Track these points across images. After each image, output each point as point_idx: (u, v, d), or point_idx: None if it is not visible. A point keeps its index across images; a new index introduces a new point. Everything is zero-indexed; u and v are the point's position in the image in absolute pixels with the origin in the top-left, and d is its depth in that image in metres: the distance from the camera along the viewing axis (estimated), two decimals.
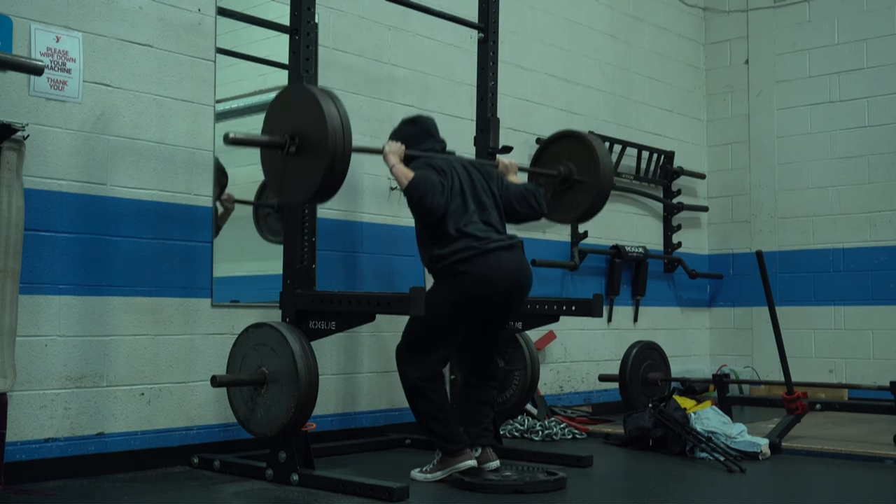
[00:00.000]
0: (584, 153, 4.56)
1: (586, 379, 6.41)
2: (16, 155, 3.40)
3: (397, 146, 3.94)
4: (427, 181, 3.78)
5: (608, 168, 4.55)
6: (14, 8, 3.70)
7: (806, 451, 4.70)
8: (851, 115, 7.02)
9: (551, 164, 4.66)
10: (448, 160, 3.99)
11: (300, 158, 3.49)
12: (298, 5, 3.89)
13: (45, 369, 3.74)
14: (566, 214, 4.69)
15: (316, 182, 3.44)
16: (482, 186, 4.00)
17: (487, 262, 3.80)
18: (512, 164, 4.32)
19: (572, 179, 4.57)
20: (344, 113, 3.47)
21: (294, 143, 3.49)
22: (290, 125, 3.51)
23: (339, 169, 3.44)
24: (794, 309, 7.07)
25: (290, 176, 3.54)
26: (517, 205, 4.10)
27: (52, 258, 3.78)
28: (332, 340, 4.41)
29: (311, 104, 3.46)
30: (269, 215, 4.74)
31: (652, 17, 7.28)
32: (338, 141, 3.41)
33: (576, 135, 4.66)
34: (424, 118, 4.19)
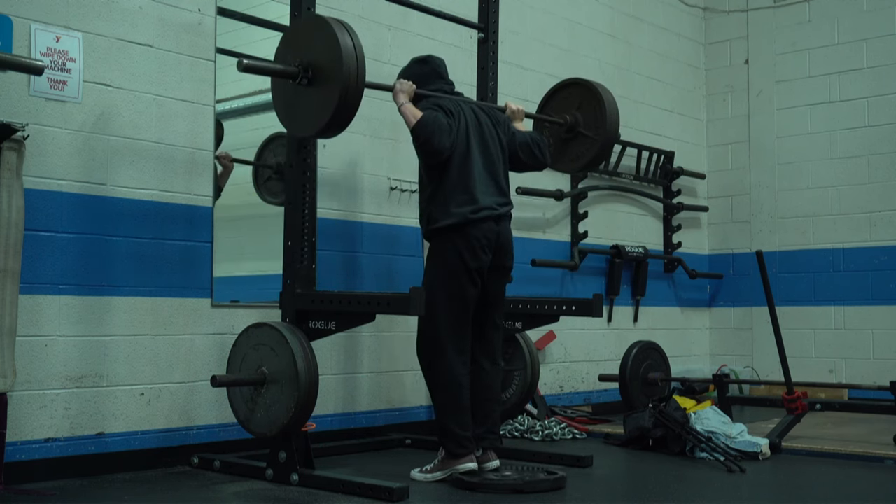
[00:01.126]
0: (592, 102, 4.53)
1: (586, 379, 6.41)
2: (16, 155, 3.40)
3: (408, 85, 3.94)
4: (435, 121, 3.78)
5: (614, 119, 4.53)
6: (14, 8, 3.70)
7: (806, 451, 4.70)
8: (851, 115, 7.02)
9: (559, 112, 4.64)
10: (457, 102, 3.99)
11: (313, 89, 3.47)
12: (298, 5, 3.89)
13: (45, 369, 3.74)
14: (570, 164, 4.68)
15: (328, 113, 3.42)
16: (489, 130, 4.00)
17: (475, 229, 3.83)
18: (519, 109, 4.32)
19: (577, 130, 4.56)
20: (359, 45, 3.44)
21: (307, 73, 3.46)
22: (303, 55, 3.48)
23: (351, 101, 3.42)
24: (794, 309, 7.07)
25: (301, 107, 3.51)
26: (522, 154, 4.11)
27: (52, 258, 3.78)
28: (332, 340, 4.41)
29: (326, 34, 3.42)
30: (269, 179, 4.71)
31: (652, 17, 7.28)
32: (351, 72, 3.38)
33: (585, 83, 4.63)
34: (434, 58, 4.18)
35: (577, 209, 6.40)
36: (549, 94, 4.77)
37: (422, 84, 4.03)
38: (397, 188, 5.16)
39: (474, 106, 4.06)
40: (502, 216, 3.94)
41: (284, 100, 3.60)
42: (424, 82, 4.05)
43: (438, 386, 3.87)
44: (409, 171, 5.24)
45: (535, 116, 4.65)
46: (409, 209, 5.23)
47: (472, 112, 3.99)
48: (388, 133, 5.16)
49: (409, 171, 5.24)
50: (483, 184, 3.89)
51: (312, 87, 3.48)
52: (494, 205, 3.91)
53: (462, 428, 3.81)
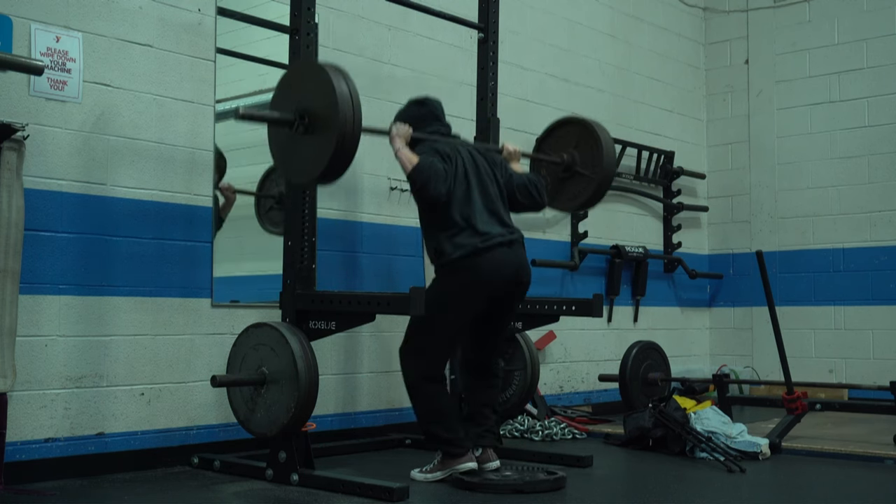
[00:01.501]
0: (589, 141, 4.53)
1: (586, 379, 6.41)
2: (16, 155, 3.40)
3: (405, 129, 3.93)
4: (431, 167, 3.77)
5: (612, 158, 4.52)
6: (14, 8, 3.70)
7: (806, 451, 4.70)
8: (851, 115, 7.02)
9: (556, 150, 4.64)
10: (453, 145, 3.98)
11: (309, 137, 3.46)
12: (298, 5, 3.88)
13: (45, 369, 3.74)
14: (567, 203, 4.67)
15: (324, 161, 3.41)
16: (487, 173, 3.99)
17: (487, 259, 3.80)
18: (516, 150, 4.32)
19: (575, 169, 4.56)
20: (355, 91, 3.43)
21: (304, 121, 3.46)
22: (299, 102, 3.48)
23: (348, 149, 3.42)
24: (794, 309, 7.07)
25: (298, 155, 3.50)
26: (519, 195, 4.10)
27: (52, 258, 3.78)
28: (332, 340, 4.40)
29: (322, 81, 3.42)
30: (271, 208, 4.71)
31: (652, 17, 7.28)
32: (348, 120, 3.38)
33: (582, 122, 4.63)
34: (432, 100, 4.17)
35: None
36: (546, 132, 4.76)
37: (418, 126, 4.02)
38: (397, 188, 5.16)
39: (471, 148, 4.05)
40: (514, 241, 3.92)
41: (281, 147, 3.58)
42: (421, 124, 4.03)
43: (417, 394, 3.90)
44: None
45: (532, 156, 4.66)
46: (409, 209, 5.22)
47: (469, 154, 3.98)
48: None
49: None
50: (486, 221, 3.87)
51: (309, 134, 3.47)
52: (504, 232, 3.90)
53: (448, 431, 3.83)
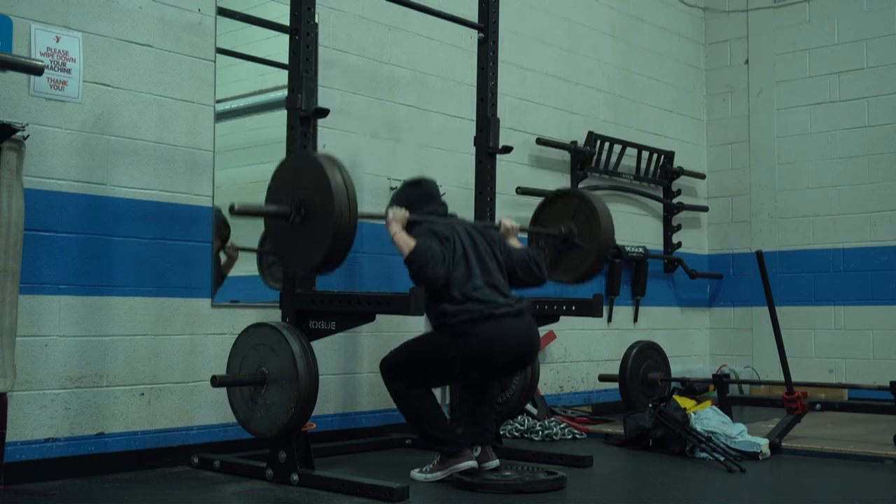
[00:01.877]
0: (586, 212, 4.60)
1: (586, 379, 6.41)
2: (16, 155, 3.40)
3: (401, 214, 3.93)
4: (428, 250, 3.74)
5: (609, 229, 4.59)
6: (14, 8, 3.70)
7: (806, 451, 4.70)
8: (851, 115, 7.02)
9: (553, 222, 4.69)
10: (450, 225, 3.96)
11: (306, 227, 3.50)
12: (298, 5, 3.88)
13: (45, 369, 3.74)
14: (567, 275, 4.73)
15: (322, 252, 3.44)
16: (485, 250, 3.97)
17: (494, 327, 3.76)
18: (514, 227, 4.30)
19: (572, 241, 4.61)
20: (350, 181, 3.46)
21: (300, 212, 3.49)
22: (295, 193, 3.51)
23: (344, 239, 3.45)
24: (794, 309, 7.07)
25: (295, 246, 3.55)
26: (519, 271, 4.08)
27: (52, 258, 3.78)
28: (332, 340, 4.40)
29: (316, 173, 3.46)
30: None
31: (652, 17, 7.28)
32: (343, 212, 3.41)
33: (578, 194, 4.71)
34: (427, 181, 4.18)
35: None
36: (543, 204, 4.81)
37: (415, 207, 4.02)
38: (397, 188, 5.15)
39: (468, 226, 4.04)
40: (522, 310, 3.88)
41: (279, 237, 3.61)
42: (417, 205, 4.04)
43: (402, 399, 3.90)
44: (409, 171, 5.24)
45: (529, 230, 4.68)
46: None
47: (467, 233, 3.96)
48: (388, 133, 5.17)
49: (409, 171, 5.23)
50: (488, 294, 3.84)
51: (305, 224, 3.50)
52: (511, 302, 3.87)
53: (441, 430, 3.83)
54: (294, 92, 3.82)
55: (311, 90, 3.82)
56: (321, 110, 3.84)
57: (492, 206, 4.71)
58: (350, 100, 4.95)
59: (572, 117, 6.45)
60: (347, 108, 4.94)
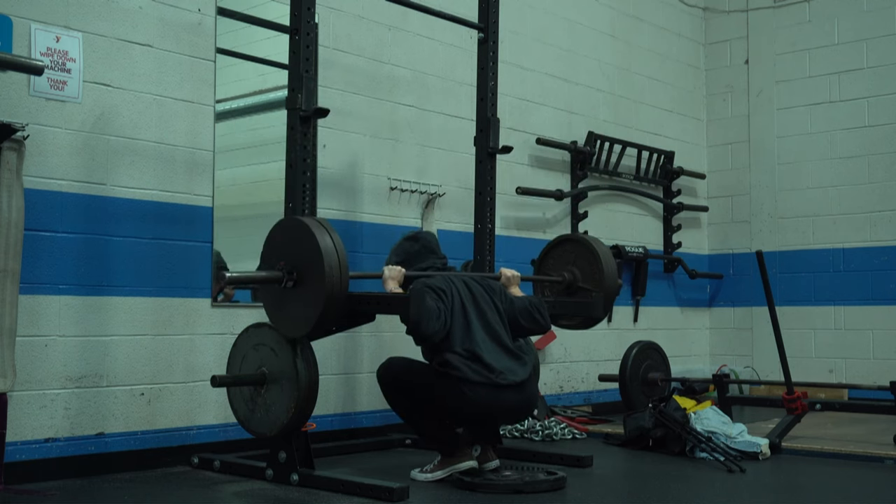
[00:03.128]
0: (588, 257, 4.61)
1: (586, 379, 6.41)
2: (16, 155, 3.40)
3: (397, 271, 3.93)
4: (422, 306, 3.68)
5: (612, 273, 4.60)
6: (14, 8, 3.70)
7: (806, 451, 4.70)
8: (851, 115, 7.02)
9: (555, 270, 4.70)
10: (448, 278, 3.90)
11: (299, 290, 3.53)
12: (298, 5, 3.88)
13: (45, 369, 3.74)
14: (572, 321, 4.74)
15: (315, 315, 3.47)
16: (485, 301, 3.91)
17: (493, 396, 3.72)
18: (514, 276, 4.26)
19: (577, 286, 4.61)
20: (339, 244, 3.50)
21: (291, 277, 3.53)
22: (286, 258, 3.54)
23: (337, 301, 3.47)
24: (794, 309, 7.07)
25: (288, 308, 3.57)
26: (522, 321, 4.01)
27: (52, 258, 3.78)
28: (332, 340, 4.41)
29: (306, 237, 3.49)
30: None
31: (652, 17, 7.28)
32: (334, 274, 3.45)
33: (578, 239, 4.73)
34: (424, 235, 4.18)
35: (577, 209, 6.40)
36: (544, 252, 4.84)
37: (413, 261, 4.03)
38: (397, 188, 5.16)
39: (467, 278, 3.98)
40: (525, 381, 3.83)
41: (272, 301, 3.64)
42: (415, 259, 4.04)
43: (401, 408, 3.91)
44: (410, 171, 5.25)
45: (532, 279, 4.69)
46: (409, 209, 5.23)
47: (465, 285, 3.90)
48: (388, 133, 5.17)
49: (409, 171, 5.25)
50: (490, 351, 3.79)
51: (298, 288, 3.54)
52: (514, 368, 3.81)
53: (440, 430, 3.83)
54: (294, 92, 3.82)
55: (311, 90, 3.82)
56: (321, 110, 3.84)
57: (492, 207, 4.70)
58: (350, 100, 4.95)
59: (572, 117, 6.45)
60: (347, 108, 4.94)
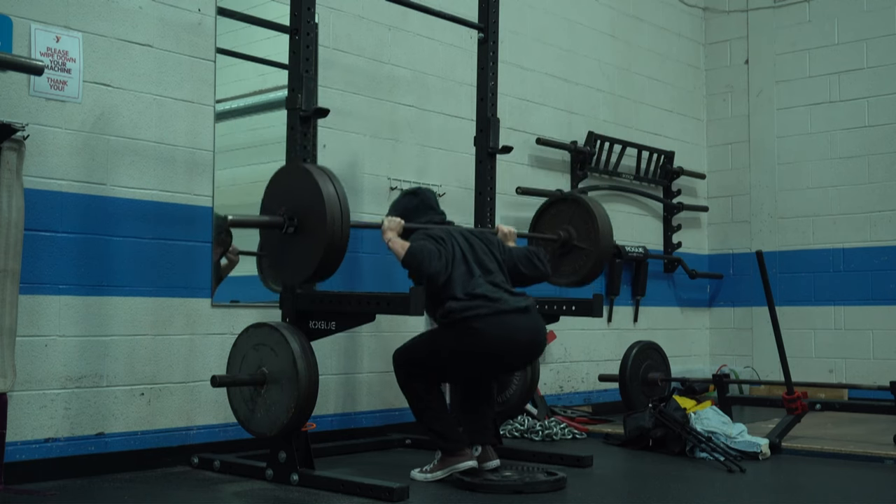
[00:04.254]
0: (584, 216, 4.60)
1: (586, 379, 6.41)
2: (16, 155, 3.40)
3: (396, 222, 3.95)
4: (423, 249, 3.75)
5: (608, 233, 4.60)
6: (14, 8, 3.70)
7: (806, 451, 4.70)
8: (851, 115, 7.02)
9: (551, 228, 4.70)
10: (447, 230, 3.96)
11: (299, 238, 3.54)
12: (298, 5, 3.88)
13: (45, 369, 3.74)
14: (567, 278, 4.75)
15: (315, 261, 3.48)
16: (483, 251, 3.96)
17: (502, 322, 3.76)
18: (511, 231, 4.32)
19: (572, 244, 4.61)
20: (342, 191, 3.51)
21: (293, 223, 3.54)
22: (288, 204, 3.55)
23: (337, 248, 3.49)
24: (794, 309, 7.07)
25: (288, 255, 3.59)
26: (522, 267, 4.06)
27: (52, 258, 3.78)
28: (332, 340, 4.40)
29: (308, 184, 3.50)
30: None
31: (652, 17, 7.28)
32: (336, 221, 3.46)
33: (575, 199, 4.71)
34: (424, 190, 4.19)
35: None
36: (539, 212, 4.85)
37: (412, 216, 4.04)
38: (397, 188, 5.16)
39: (465, 231, 4.04)
40: (529, 307, 3.86)
41: (273, 247, 3.66)
42: (414, 215, 4.06)
43: (412, 393, 3.90)
44: (410, 171, 5.25)
45: (527, 236, 4.69)
46: None
47: (464, 237, 3.96)
48: (388, 133, 5.17)
49: (409, 171, 5.24)
50: (493, 291, 3.83)
51: (299, 235, 3.55)
52: (518, 299, 3.85)
53: (445, 427, 3.83)
54: (294, 92, 3.82)
55: (311, 90, 3.82)
56: (321, 110, 3.84)
57: (492, 207, 4.70)
58: (350, 100, 4.95)
59: (572, 117, 6.45)
60: (347, 108, 4.94)
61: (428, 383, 3.87)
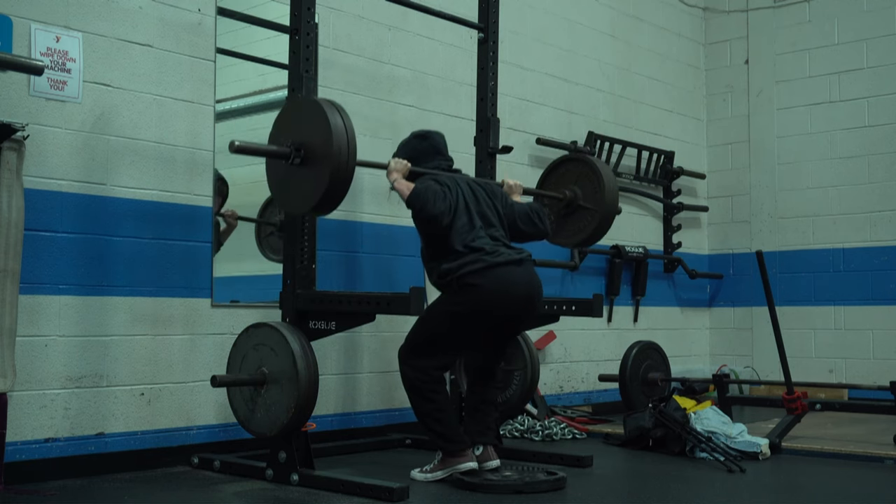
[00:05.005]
0: (591, 177, 4.59)
1: (586, 379, 6.41)
2: (16, 155, 3.40)
3: (402, 164, 3.95)
4: (428, 190, 3.77)
5: (613, 194, 4.58)
6: (14, 8, 3.70)
7: (806, 451, 4.70)
8: (851, 115, 7.02)
9: (557, 187, 4.69)
10: (453, 178, 3.97)
11: (304, 169, 3.52)
12: (298, 5, 3.89)
13: (45, 369, 3.74)
14: (570, 238, 4.72)
15: (319, 193, 3.46)
16: (486, 203, 3.97)
17: (497, 275, 3.76)
18: (517, 184, 4.32)
19: (577, 204, 4.60)
20: (350, 125, 3.49)
21: (299, 154, 3.52)
22: (295, 135, 3.54)
23: (342, 181, 3.47)
24: (794, 309, 7.07)
25: (293, 186, 3.57)
26: (521, 224, 4.07)
27: (52, 258, 3.78)
28: (332, 340, 4.41)
29: (317, 116, 3.48)
30: (271, 234, 4.73)
31: (652, 17, 7.28)
32: (342, 153, 3.43)
33: (582, 159, 4.69)
34: (434, 134, 4.18)
35: None
36: (547, 170, 4.83)
37: (420, 160, 4.04)
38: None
39: (471, 181, 4.04)
40: (524, 259, 3.87)
41: (278, 178, 3.65)
42: (423, 158, 4.05)
43: (415, 390, 3.87)
44: None
45: (533, 192, 4.68)
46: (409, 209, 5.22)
47: (469, 187, 3.97)
48: (388, 133, 5.16)
49: None
50: (490, 244, 3.84)
51: (304, 166, 3.53)
52: (512, 252, 3.86)
53: (447, 428, 3.82)
54: (294, 92, 3.83)
55: (311, 90, 3.83)
56: None
57: None
58: (350, 100, 4.94)
59: (572, 117, 6.45)
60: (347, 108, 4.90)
61: (432, 379, 3.85)
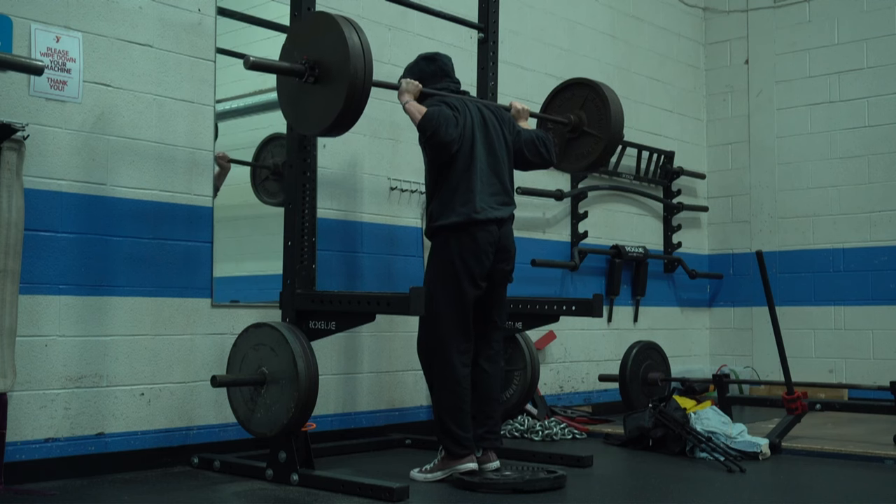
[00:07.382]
0: (597, 101, 4.55)
1: (586, 379, 6.41)
2: (16, 155, 3.40)
3: (414, 85, 3.94)
4: (440, 114, 3.77)
5: (619, 117, 4.53)
6: (14, 8, 3.70)
7: (806, 451, 4.70)
8: (851, 115, 7.02)
9: (562, 112, 4.65)
10: (462, 100, 3.98)
11: (319, 87, 3.45)
12: (298, 5, 3.89)
13: (45, 369, 3.74)
14: (576, 163, 4.68)
15: (334, 114, 3.40)
16: (494, 129, 3.98)
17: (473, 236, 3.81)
18: (524, 108, 4.33)
19: (582, 129, 4.57)
20: (366, 43, 3.42)
21: (314, 71, 3.45)
22: (310, 53, 3.46)
23: (358, 100, 3.40)
24: (794, 309, 7.07)
25: (307, 105, 3.50)
26: (527, 152, 4.11)
27: (52, 258, 3.78)
28: (332, 340, 4.40)
29: (333, 32, 3.40)
30: (266, 179, 4.71)
31: (652, 17, 7.28)
32: (359, 71, 3.36)
33: (589, 83, 4.65)
34: (442, 56, 4.16)
35: (577, 209, 6.41)
36: (553, 94, 4.77)
37: (428, 82, 4.03)
38: (397, 188, 5.16)
39: (480, 104, 4.05)
40: (504, 219, 3.93)
41: (290, 97, 3.59)
42: (430, 80, 4.04)
43: (438, 386, 3.86)
44: (410, 171, 5.25)
45: (539, 116, 4.66)
46: (409, 209, 5.23)
47: (478, 110, 3.98)
48: (388, 133, 5.17)
49: (409, 171, 5.24)
50: (487, 184, 3.88)
51: (319, 85, 3.46)
52: (497, 205, 3.90)
53: (461, 428, 3.81)
54: None
55: None
56: None
57: None
58: None
59: None
60: None
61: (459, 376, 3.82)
